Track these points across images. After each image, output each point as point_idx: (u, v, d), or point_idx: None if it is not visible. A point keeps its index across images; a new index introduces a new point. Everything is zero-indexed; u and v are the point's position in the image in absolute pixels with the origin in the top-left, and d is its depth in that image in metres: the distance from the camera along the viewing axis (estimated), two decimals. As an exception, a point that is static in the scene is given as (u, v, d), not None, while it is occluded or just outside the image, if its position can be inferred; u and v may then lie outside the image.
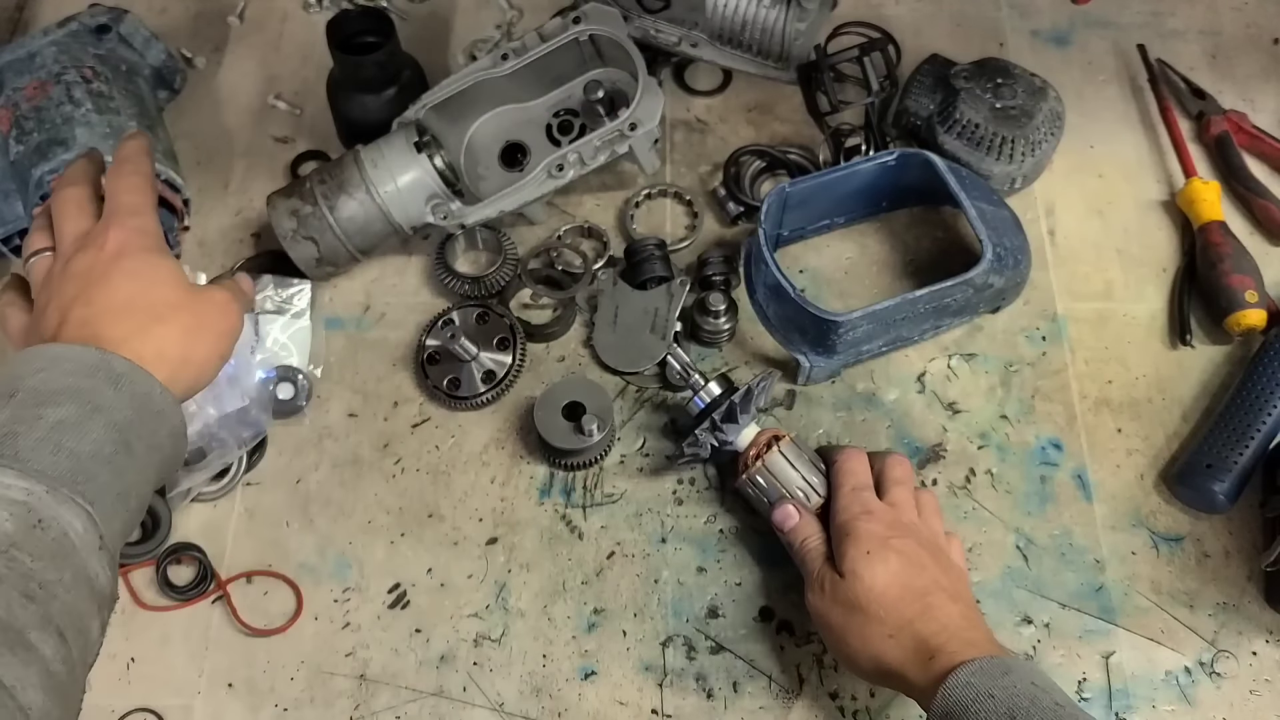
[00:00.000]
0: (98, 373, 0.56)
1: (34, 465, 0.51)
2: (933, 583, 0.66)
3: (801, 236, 0.90)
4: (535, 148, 0.90)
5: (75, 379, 0.55)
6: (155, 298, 0.62)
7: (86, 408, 0.54)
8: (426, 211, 0.84)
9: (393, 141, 0.84)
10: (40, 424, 0.52)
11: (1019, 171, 0.89)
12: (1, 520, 0.48)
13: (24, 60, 0.88)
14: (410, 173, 0.83)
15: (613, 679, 0.74)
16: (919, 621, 0.64)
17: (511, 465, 0.81)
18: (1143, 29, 1.01)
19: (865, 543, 0.67)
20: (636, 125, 0.82)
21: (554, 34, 0.85)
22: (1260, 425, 0.77)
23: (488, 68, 0.85)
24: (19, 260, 0.85)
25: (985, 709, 0.58)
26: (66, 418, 0.53)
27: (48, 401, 0.53)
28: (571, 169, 0.84)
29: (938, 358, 0.85)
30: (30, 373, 0.55)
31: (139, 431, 0.56)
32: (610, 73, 0.89)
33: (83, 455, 0.52)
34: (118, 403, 0.55)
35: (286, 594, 0.77)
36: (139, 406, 0.57)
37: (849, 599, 0.66)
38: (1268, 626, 0.75)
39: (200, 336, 0.64)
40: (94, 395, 0.55)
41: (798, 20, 0.88)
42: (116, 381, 0.56)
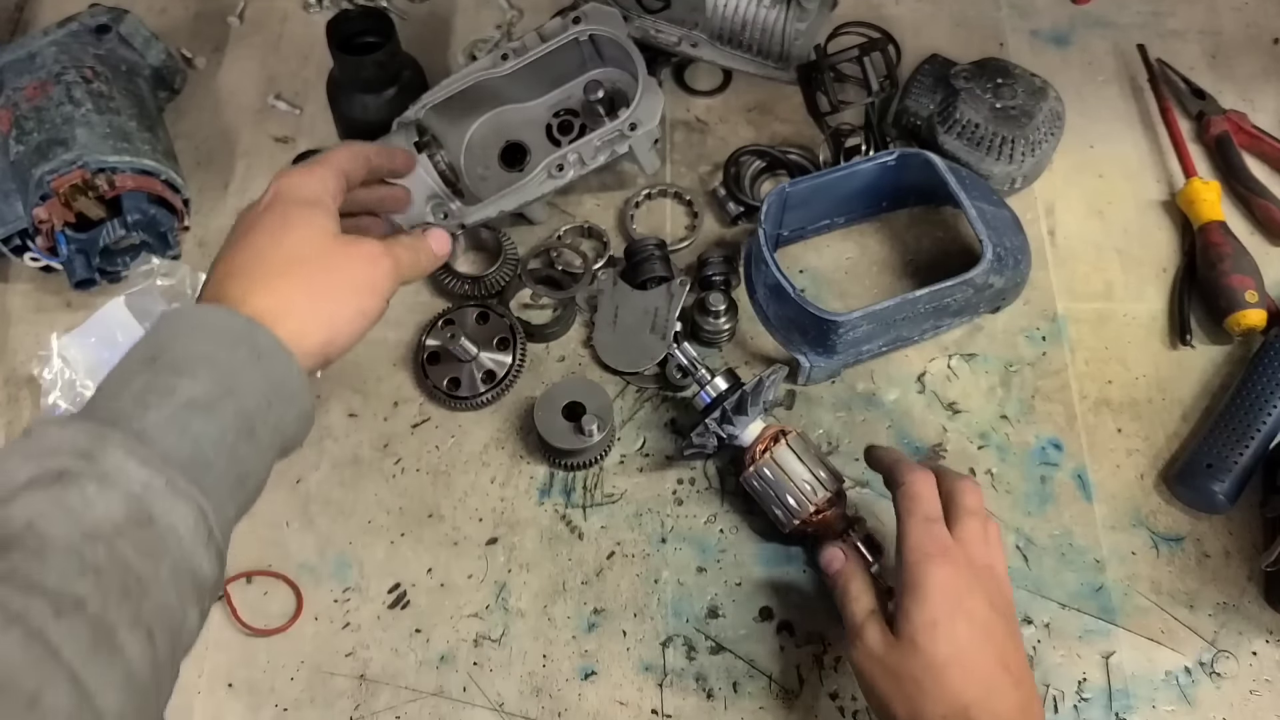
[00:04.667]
0: (239, 345, 0.55)
1: (159, 447, 0.50)
2: (998, 661, 0.60)
3: (801, 236, 0.90)
4: (535, 148, 0.90)
5: (216, 348, 0.54)
6: (286, 250, 0.60)
7: (219, 389, 0.53)
8: (426, 211, 0.84)
9: (393, 141, 0.84)
10: (172, 399, 0.51)
11: (1019, 171, 0.89)
12: (113, 507, 0.47)
13: (24, 60, 0.88)
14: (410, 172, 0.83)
15: (613, 679, 0.74)
16: (975, 708, 0.58)
17: (511, 465, 0.81)
18: (1143, 29, 1.01)
19: (934, 607, 0.60)
20: (636, 125, 0.82)
21: (554, 34, 0.85)
22: (1260, 425, 0.77)
23: (487, 68, 0.85)
24: (19, 260, 0.85)
25: None
26: (198, 397, 0.52)
27: (185, 373, 0.52)
28: (571, 169, 0.83)
29: (938, 358, 0.85)
30: (174, 337, 0.54)
31: (266, 417, 0.55)
32: (610, 73, 0.90)
33: (206, 441, 0.52)
34: (252, 385, 0.54)
35: (286, 594, 0.77)
36: (272, 390, 0.55)
37: (903, 669, 0.60)
38: (1268, 626, 0.75)
39: (331, 292, 0.60)
40: (230, 374, 0.53)
41: (798, 20, 0.88)
42: (257, 358, 0.55)
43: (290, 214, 0.61)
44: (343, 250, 0.62)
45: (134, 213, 0.83)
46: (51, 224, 0.81)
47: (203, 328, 0.55)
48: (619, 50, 0.85)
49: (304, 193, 0.63)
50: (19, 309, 0.89)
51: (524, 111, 0.91)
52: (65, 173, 0.81)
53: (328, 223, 0.62)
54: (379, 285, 0.63)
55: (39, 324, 0.88)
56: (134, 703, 0.45)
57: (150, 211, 0.84)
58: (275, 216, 0.61)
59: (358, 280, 0.62)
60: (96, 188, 0.81)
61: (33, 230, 0.83)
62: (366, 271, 0.63)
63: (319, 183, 0.64)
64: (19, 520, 0.45)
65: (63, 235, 0.82)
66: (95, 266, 0.84)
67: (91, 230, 0.82)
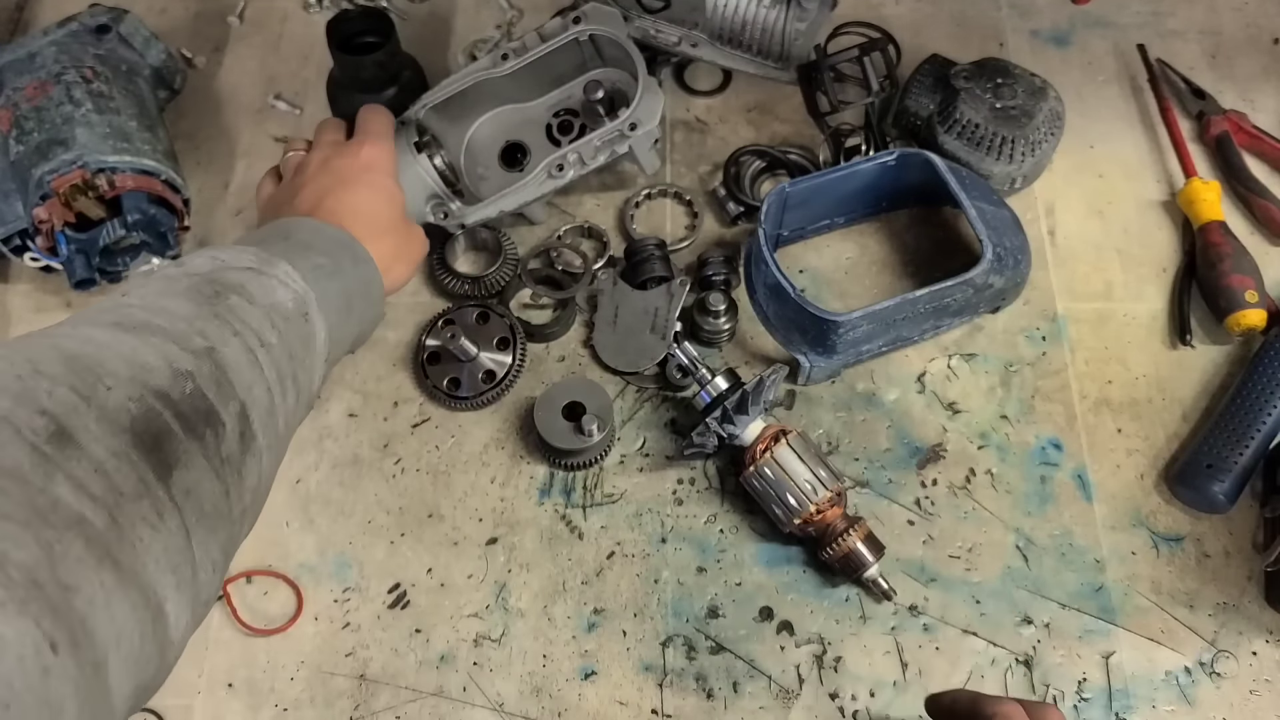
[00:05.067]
0: (345, 249, 0.70)
1: (308, 278, 0.64)
2: None
3: (801, 236, 0.90)
4: (535, 148, 0.90)
5: (331, 244, 0.69)
6: (386, 215, 0.77)
7: (335, 265, 0.67)
8: (426, 211, 0.84)
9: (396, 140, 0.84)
10: (306, 260, 0.65)
11: (1019, 171, 0.89)
12: (287, 298, 0.62)
13: (24, 60, 0.88)
14: (410, 172, 0.83)
15: (613, 679, 0.74)
16: None
17: (511, 465, 0.81)
18: (1143, 29, 1.01)
19: None
20: (636, 125, 0.83)
21: (554, 34, 0.85)
22: (1260, 425, 0.77)
23: (487, 68, 0.86)
24: (19, 260, 0.85)
25: None
26: (323, 264, 0.66)
27: (312, 248, 0.67)
28: (571, 169, 0.84)
29: (938, 358, 0.85)
30: (300, 229, 0.69)
31: (357, 303, 0.69)
32: (610, 73, 0.89)
33: (328, 295, 0.65)
34: (353, 275, 0.69)
35: (286, 594, 0.77)
36: (363, 285, 0.70)
37: None
38: (1268, 626, 0.75)
39: (402, 257, 0.78)
40: (340, 261, 0.68)
41: (798, 20, 0.88)
42: (356, 260, 0.70)
43: (389, 187, 0.78)
44: (409, 230, 0.80)
45: (134, 213, 0.83)
46: (51, 224, 0.81)
47: (322, 232, 0.70)
48: (619, 50, 0.85)
49: (389, 166, 0.79)
50: (19, 309, 0.89)
51: (524, 111, 0.91)
52: (65, 173, 0.81)
53: (401, 199, 0.79)
54: (419, 260, 0.81)
55: (39, 324, 0.87)
56: (285, 437, 0.61)
57: (150, 211, 0.84)
58: (378, 182, 0.77)
59: (414, 254, 0.80)
60: (96, 188, 0.81)
61: (33, 230, 0.83)
62: (419, 250, 0.81)
63: (394, 156, 0.81)
64: (235, 280, 0.60)
65: (63, 235, 0.82)
66: (95, 266, 0.83)
67: (91, 230, 0.82)
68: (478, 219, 0.85)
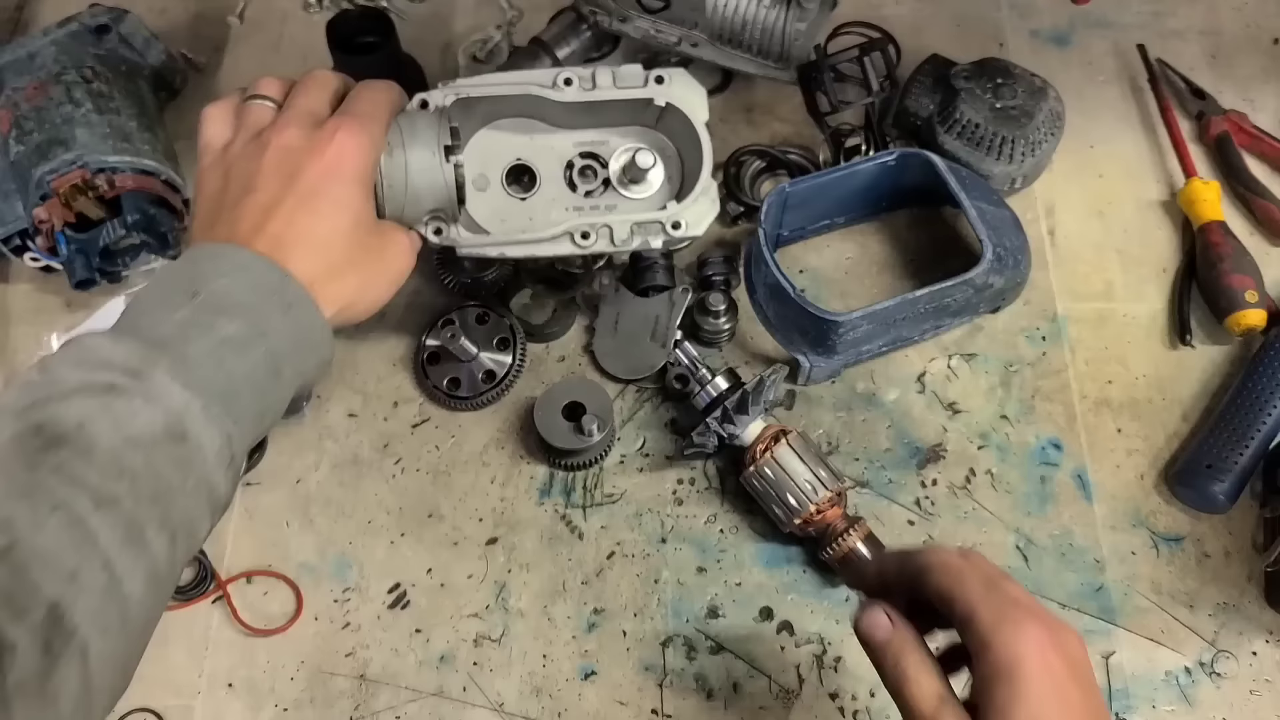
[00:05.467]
0: (273, 296, 0.58)
1: (197, 375, 0.54)
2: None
3: (801, 236, 0.90)
4: (546, 179, 0.79)
5: (253, 295, 0.58)
6: (348, 241, 0.63)
7: (253, 330, 0.57)
8: (423, 219, 0.73)
9: (417, 123, 0.70)
10: (212, 334, 0.55)
11: (1019, 171, 0.89)
12: (154, 421, 0.52)
13: (24, 60, 0.88)
14: (427, 176, 0.70)
15: (613, 679, 0.74)
16: None
17: (511, 465, 0.81)
18: (1143, 29, 1.01)
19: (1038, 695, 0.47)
20: (680, 226, 0.73)
21: (629, 82, 0.75)
22: (1260, 425, 0.77)
23: (545, 85, 0.74)
24: (19, 260, 0.85)
25: None
26: (234, 335, 0.56)
27: (224, 312, 0.56)
28: (598, 241, 0.73)
29: (938, 358, 0.85)
30: (215, 275, 0.58)
31: (291, 360, 0.59)
32: (660, 138, 0.79)
33: (238, 376, 0.56)
34: (282, 330, 0.58)
35: (286, 594, 0.77)
36: (299, 338, 0.59)
37: None
38: (1268, 626, 0.75)
39: (377, 282, 0.66)
40: (263, 318, 0.57)
41: (798, 20, 0.88)
42: (287, 309, 0.59)
43: (354, 202, 0.64)
44: (383, 246, 0.67)
45: (134, 213, 0.83)
46: (51, 224, 0.81)
47: (243, 273, 0.58)
48: (687, 130, 0.76)
49: (362, 169, 0.64)
50: (19, 309, 0.89)
51: (548, 135, 0.79)
52: (65, 173, 0.81)
53: (371, 204, 0.66)
54: (401, 277, 0.68)
55: (39, 324, 0.88)
56: (153, 594, 0.51)
57: (150, 211, 0.84)
58: (342, 196, 0.63)
59: (389, 269, 0.67)
60: (96, 188, 0.81)
61: (33, 230, 0.83)
62: (396, 263, 0.68)
63: (374, 152, 0.66)
64: (71, 420, 0.50)
65: (63, 235, 0.82)
66: (95, 266, 0.83)
67: (91, 230, 0.82)
68: (473, 253, 0.74)
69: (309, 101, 0.66)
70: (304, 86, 0.67)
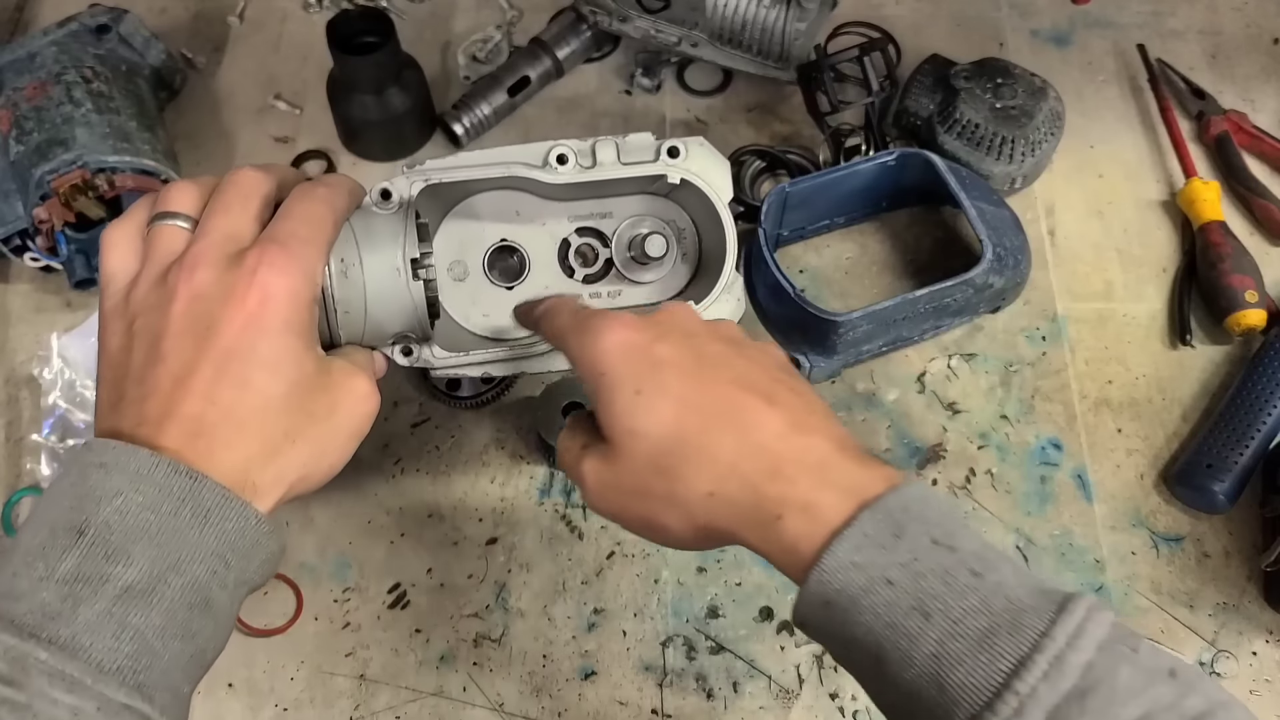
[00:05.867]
0: (183, 508, 0.46)
1: (91, 655, 0.42)
2: (733, 384, 0.48)
3: (801, 236, 0.90)
4: (537, 263, 0.66)
5: (155, 516, 0.45)
6: (292, 404, 0.50)
7: (161, 565, 0.45)
8: (386, 340, 0.60)
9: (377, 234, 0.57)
10: (106, 590, 0.43)
11: (1019, 171, 0.89)
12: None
13: (24, 60, 0.88)
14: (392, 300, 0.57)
15: (613, 679, 0.74)
16: (741, 463, 0.46)
17: (511, 465, 0.81)
18: (1143, 29, 1.01)
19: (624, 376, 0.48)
20: None
21: (637, 155, 0.62)
22: (1260, 425, 0.77)
23: (534, 164, 0.61)
24: (19, 260, 0.85)
25: (881, 602, 0.42)
26: (135, 582, 0.44)
27: (118, 554, 0.44)
28: None
29: (938, 358, 0.85)
30: (107, 496, 0.45)
31: (224, 580, 0.47)
32: (672, 208, 0.66)
33: (150, 632, 0.44)
34: (201, 549, 0.46)
35: (286, 594, 0.77)
36: (227, 547, 0.47)
37: (637, 471, 0.48)
38: (1268, 626, 0.75)
39: (331, 445, 0.53)
40: (173, 544, 0.45)
41: (798, 20, 0.88)
42: (204, 520, 0.46)
43: (278, 350, 0.50)
44: (330, 395, 0.52)
45: (134, 213, 0.83)
46: (51, 224, 0.81)
47: (141, 485, 0.45)
48: (704, 206, 0.63)
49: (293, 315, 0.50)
50: (19, 309, 0.89)
51: (538, 209, 0.65)
52: (65, 173, 0.81)
53: (311, 353, 0.52)
54: (363, 429, 0.54)
55: (39, 324, 0.88)
56: None
57: (150, 211, 0.84)
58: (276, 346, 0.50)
59: (345, 426, 0.53)
60: (96, 188, 0.81)
61: (33, 230, 0.83)
62: (354, 416, 0.53)
63: (309, 287, 0.51)
64: None
65: (63, 235, 0.82)
66: (95, 266, 0.83)
67: (91, 230, 0.82)
68: (451, 373, 0.63)
69: (227, 222, 0.51)
70: (220, 199, 0.52)
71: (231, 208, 0.52)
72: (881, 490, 0.45)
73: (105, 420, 0.50)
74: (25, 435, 0.82)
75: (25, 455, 0.81)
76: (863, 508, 0.44)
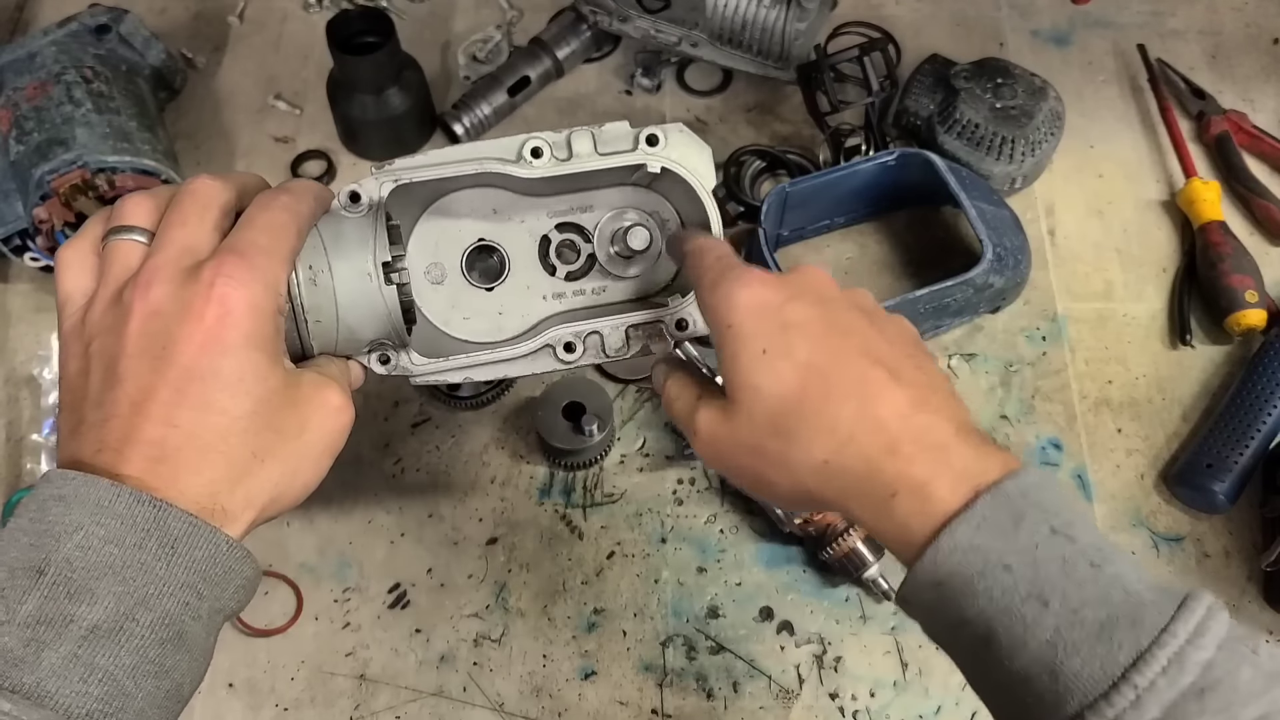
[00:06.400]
0: (148, 539, 0.44)
1: (59, 701, 0.40)
2: (861, 355, 0.48)
3: (801, 236, 0.90)
4: (517, 261, 0.63)
5: (119, 549, 0.43)
6: (258, 422, 0.48)
7: (127, 601, 0.43)
8: (363, 350, 0.57)
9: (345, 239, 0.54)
10: (70, 632, 0.41)
11: (1019, 171, 0.89)
12: None
13: (24, 60, 0.88)
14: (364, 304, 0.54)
15: (613, 679, 0.74)
16: (852, 426, 0.46)
17: (511, 465, 0.81)
18: (1143, 29, 1.01)
19: (752, 334, 0.48)
20: (686, 324, 0.60)
21: (615, 143, 0.59)
22: (1260, 425, 0.77)
23: (508, 159, 0.59)
24: (19, 260, 0.85)
25: (998, 586, 0.42)
26: (101, 622, 0.42)
27: (81, 593, 0.42)
28: (586, 354, 0.60)
29: (938, 357, 0.85)
30: (67, 531, 0.43)
31: (197, 611, 0.45)
32: (655, 199, 0.64)
33: (120, 672, 0.42)
34: (170, 580, 0.44)
35: (286, 594, 0.77)
36: (198, 577, 0.45)
37: (755, 431, 0.48)
38: (1268, 626, 0.75)
39: (303, 463, 0.51)
40: (139, 579, 0.43)
41: (798, 20, 0.88)
42: (170, 551, 0.44)
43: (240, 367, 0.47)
44: (299, 411, 0.50)
45: (134, 213, 0.83)
46: (51, 224, 0.81)
47: (102, 518, 0.43)
48: (688, 194, 0.61)
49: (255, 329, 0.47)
50: (19, 309, 0.89)
51: (515, 205, 0.63)
52: (65, 173, 0.81)
53: (277, 368, 0.49)
54: (338, 443, 0.53)
55: (39, 324, 0.88)
56: None
57: (150, 211, 0.84)
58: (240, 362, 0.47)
59: (318, 441, 0.51)
60: (96, 188, 0.82)
61: (33, 230, 0.83)
62: (326, 431, 0.52)
63: (271, 299, 0.48)
64: None
65: (63, 235, 0.82)
66: (95, 266, 0.83)
67: (91, 230, 0.82)
68: (431, 381, 0.60)
69: (184, 235, 0.49)
70: (177, 210, 0.49)
71: (188, 219, 0.49)
72: (998, 475, 0.44)
73: (65, 448, 0.47)
74: (25, 435, 0.82)
75: (25, 455, 0.81)
76: (981, 492, 0.44)
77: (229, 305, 0.46)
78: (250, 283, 0.47)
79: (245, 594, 0.48)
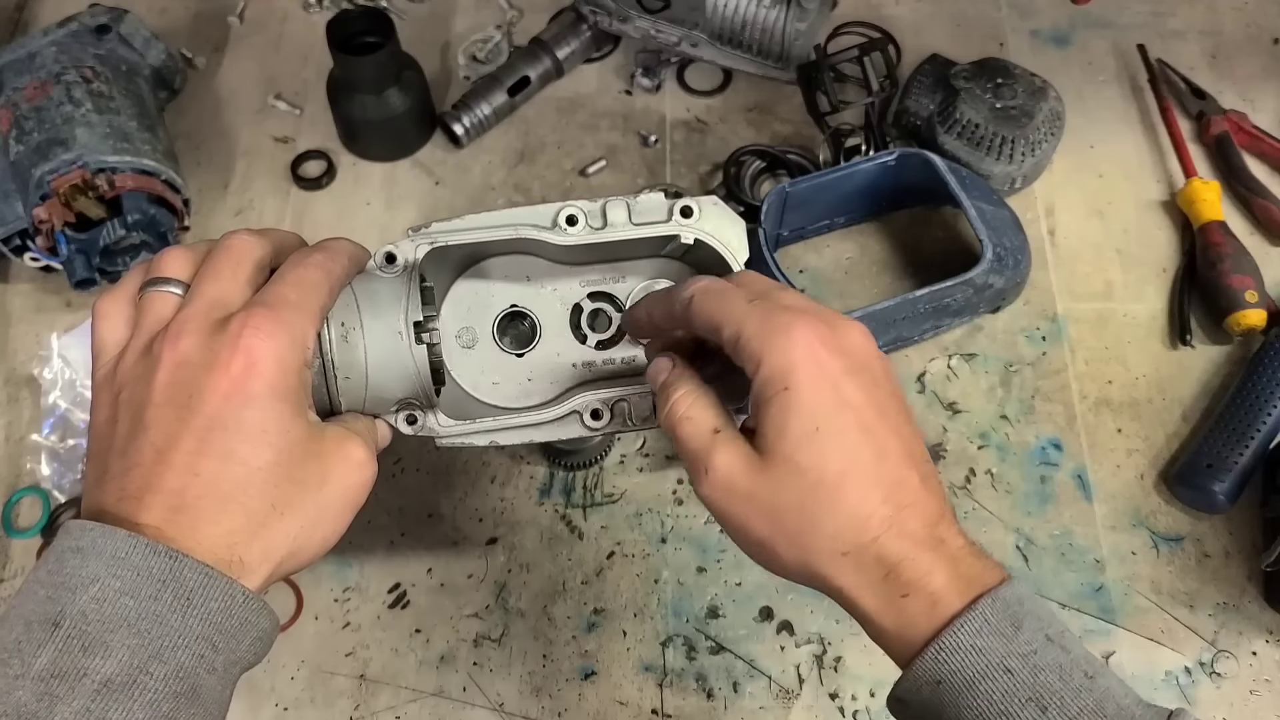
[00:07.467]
0: (163, 591, 0.43)
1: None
2: (905, 457, 0.47)
3: (801, 236, 0.90)
4: (548, 328, 0.64)
5: (135, 601, 0.43)
6: (279, 474, 0.48)
7: (142, 655, 0.42)
8: (390, 409, 0.57)
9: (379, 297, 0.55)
10: (83, 686, 0.41)
11: (1019, 171, 0.89)
12: None
13: (24, 60, 0.88)
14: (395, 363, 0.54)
15: (613, 679, 0.74)
16: (886, 537, 0.45)
17: (511, 465, 0.81)
18: (1143, 29, 1.01)
19: (810, 404, 0.46)
20: None
21: (649, 214, 0.60)
22: (1260, 425, 0.77)
23: (543, 226, 0.59)
24: (19, 260, 0.85)
25: (998, 689, 0.43)
26: (115, 676, 0.41)
27: (96, 646, 0.42)
28: (612, 421, 0.60)
29: (938, 358, 0.85)
30: (83, 584, 0.43)
31: (212, 664, 0.45)
32: (686, 272, 0.65)
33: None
34: (185, 633, 0.44)
35: (286, 594, 0.77)
36: (214, 629, 0.45)
37: (781, 498, 0.46)
38: (1268, 626, 0.75)
39: (323, 517, 0.50)
40: (154, 632, 0.43)
41: (798, 20, 0.88)
42: (185, 604, 0.44)
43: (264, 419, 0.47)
44: (321, 464, 0.50)
45: (134, 213, 0.83)
46: (51, 224, 0.81)
47: (119, 570, 0.43)
48: (720, 265, 0.61)
49: (280, 382, 0.48)
50: (19, 309, 0.89)
51: (548, 273, 0.64)
52: (65, 173, 0.81)
53: (301, 420, 0.49)
54: (358, 500, 0.52)
55: (39, 324, 0.88)
56: None
57: (150, 211, 0.84)
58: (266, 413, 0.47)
59: (339, 497, 0.51)
60: (96, 188, 0.82)
61: (33, 230, 0.83)
62: (348, 487, 0.51)
63: (297, 353, 0.49)
64: None
65: (63, 235, 0.82)
66: (95, 266, 0.83)
67: (91, 230, 0.82)
68: (457, 444, 0.60)
69: (216, 288, 0.50)
70: (211, 264, 0.51)
71: (222, 273, 0.50)
72: (996, 582, 0.45)
73: (89, 497, 0.48)
74: (25, 435, 0.82)
75: (25, 455, 0.81)
76: (982, 596, 0.45)
77: (254, 357, 0.47)
78: (277, 335, 0.48)
79: (262, 647, 0.48)
